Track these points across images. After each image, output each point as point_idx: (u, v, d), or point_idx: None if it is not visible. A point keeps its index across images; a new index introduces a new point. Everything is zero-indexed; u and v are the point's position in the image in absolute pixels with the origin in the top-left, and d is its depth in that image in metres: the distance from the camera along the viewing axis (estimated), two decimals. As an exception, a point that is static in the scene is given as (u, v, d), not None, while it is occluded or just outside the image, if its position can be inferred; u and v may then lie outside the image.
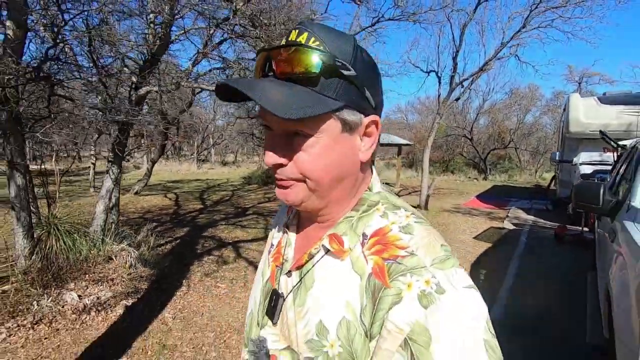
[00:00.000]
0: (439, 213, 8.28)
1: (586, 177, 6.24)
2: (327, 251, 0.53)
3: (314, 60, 0.46)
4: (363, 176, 0.56)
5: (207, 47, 4.51)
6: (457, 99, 9.63)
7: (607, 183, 3.49)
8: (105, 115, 3.71)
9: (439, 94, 9.19)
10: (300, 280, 0.55)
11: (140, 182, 9.78)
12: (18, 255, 3.28)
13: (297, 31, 0.49)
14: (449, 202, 10.07)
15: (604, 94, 8.56)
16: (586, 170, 6.94)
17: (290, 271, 0.57)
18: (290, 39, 0.49)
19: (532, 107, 22.83)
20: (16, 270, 3.14)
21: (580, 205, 2.66)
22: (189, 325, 3.02)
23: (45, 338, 2.68)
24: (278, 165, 0.51)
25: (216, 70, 5.00)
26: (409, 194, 11.45)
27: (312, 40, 0.47)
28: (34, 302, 2.93)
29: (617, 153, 4.69)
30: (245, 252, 4.90)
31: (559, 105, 19.18)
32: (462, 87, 9.02)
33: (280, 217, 0.70)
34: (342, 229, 0.54)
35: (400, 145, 13.68)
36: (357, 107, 0.50)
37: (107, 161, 4.33)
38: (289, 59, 0.47)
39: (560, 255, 5.16)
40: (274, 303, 0.57)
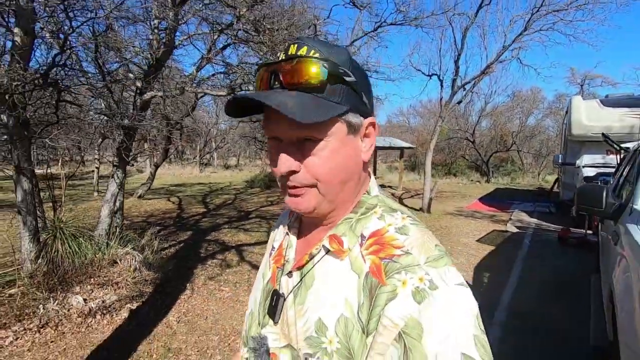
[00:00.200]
0: (441, 216, 8.27)
1: (589, 180, 6.23)
2: (327, 251, 0.56)
3: (320, 69, 0.50)
4: (363, 179, 0.59)
5: (211, 52, 4.55)
6: (459, 102, 9.64)
7: (610, 186, 3.49)
8: (111, 120, 3.75)
9: (441, 97, 9.23)
10: (301, 280, 0.57)
11: (144, 186, 9.83)
12: (24, 259, 3.31)
13: (296, 45, 0.52)
14: (452, 205, 10.06)
15: (606, 97, 8.54)
16: (589, 172, 6.93)
17: (291, 272, 0.59)
18: (290, 53, 0.52)
19: (535, 109, 22.84)
20: (22, 274, 3.17)
21: (583, 208, 2.66)
22: (193, 328, 3.04)
23: (52, 341, 2.70)
24: (291, 173, 0.53)
25: (219, 75, 5.04)
26: (411, 197, 11.44)
27: (312, 52, 0.51)
28: (40, 305, 2.95)
29: (620, 155, 4.68)
30: (248, 256, 4.92)
31: (562, 108, 19.15)
32: (464, 90, 9.05)
33: (281, 221, 0.72)
34: (341, 230, 0.56)
35: (402, 149, 13.69)
36: (358, 110, 0.54)
37: (112, 165, 4.36)
38: (295, 70, 0.51)
39: (563, 258, 5.15)
40: (275, 303, 0.59)
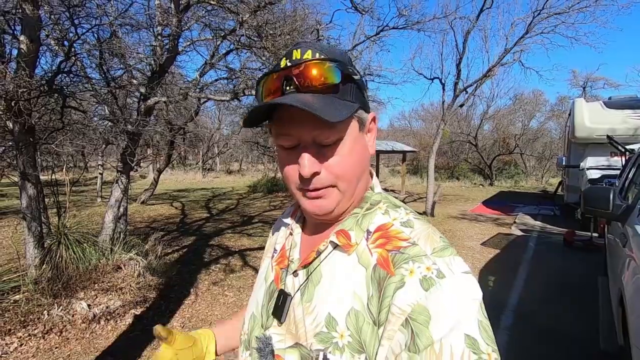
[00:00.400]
0: (445, 219, 8.24)
1: (594, 182, 6.19)
2: (334, 247, 0.56)
3: (334, 69, 0.51)
4: (367, 175, 0.60)
5: (214, 58, 4.58)
6: (461, 105, 9.63)
7: (616, 188, 3.46)
8: (115, 125, 3.77)
9: (443, 101, 9.22)
10: (308, 277, 0.57)
11: (147, 192, 9.85)
12: (29, 265, 3.31)
13: (299, 50, 0.53)
14: (455, 208, 10.02)
15: (609, 98, 8.52)
16: (594, 175, 6.89)
17: (296, 271, 0.59)
18: (295, 58, 0.52)
19: (537, 112, 22.81)
20: (27, 279, 3.16)
21: (589, 211, 2.64)
22: (197, 334, 3.02)
23: (56, 347, 2.69)
24: (314, 175, 0.53)
25: (222, 80, 5.07)
26: (414, 200, 11.40)
27: (317, 55, 0.52)
28: (45, 311, 2.95)
29: (625, 157, 4.66)
30: (252, 261, 4.91)
31: (564, 111, 19.13)
32: (466, 93, 9.05)
33: (281, 224, 0.72)
34: (348, 224, 0.57)
35: (404, 152, 13.69)
36: (364, 107, 0.56)
37: (116, 171, 4.37)
38: (311, 73, 0.51)
39: (569, 260, 5.10)
40: (281, 302, 0.59)
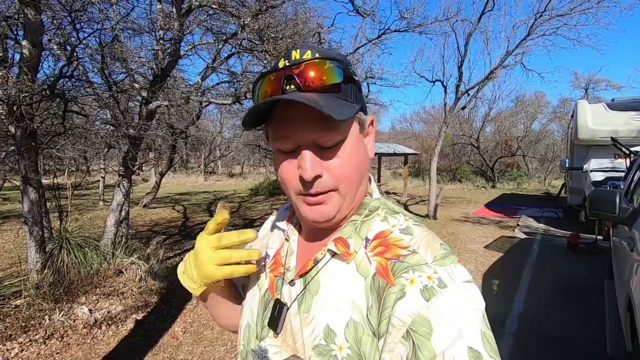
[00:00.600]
0: (448, 222, 8.20)
1: (598, 185, 6.15)
2: (332, 255, 0.54)
3: (336, 69, 0.50)
4: (366, 180, 0.58)
5: (216, 61, 4.58)
6: (463, 108, 9.62)
7: (622, 190, 3.43)
8: (117, 129, 3.77)
9: (445, 103, 9.21)
10: (305, 287, 0.55)
11: (149, 195, 9.86)
12: (30, 270, 3.30)
13: (299, 51, 0.51)
14: (458, 211, 9.97)
15: (612, 100, 8.49)
16: (597, 177, 6.84)
17: (293, 280, 0.56)
18: (294, 58, 0.51)
19: (539, 114, 22.76)
20: (28, 284, 3.15)
21: (595, 214, 2.61)
22: (199, 339, 3.00)
23: (57, 353, 2.68)
24: (316, 178, 0.50)
25: (224, 84, 5.07)
26: (416, 203, 11.37)
27: (317, 55, 0.50)
28: (46, 316, 2.94)
29: (630, 159, 4.62)
30: (254, 264, 4.88)
31: (566, 112, 19.08)
32: (468, 96, 9.05)
33: (273, 227, 0.68)
34: (347, 232, 0.55)
35: (406, 155, 13.66)
36: (363, 108, 0.55)
37: (118, 175, 4.37)
38: (310, 72, 0.49)
39: (574, 264, 5.05)
40: (277, 312, 0.56)
